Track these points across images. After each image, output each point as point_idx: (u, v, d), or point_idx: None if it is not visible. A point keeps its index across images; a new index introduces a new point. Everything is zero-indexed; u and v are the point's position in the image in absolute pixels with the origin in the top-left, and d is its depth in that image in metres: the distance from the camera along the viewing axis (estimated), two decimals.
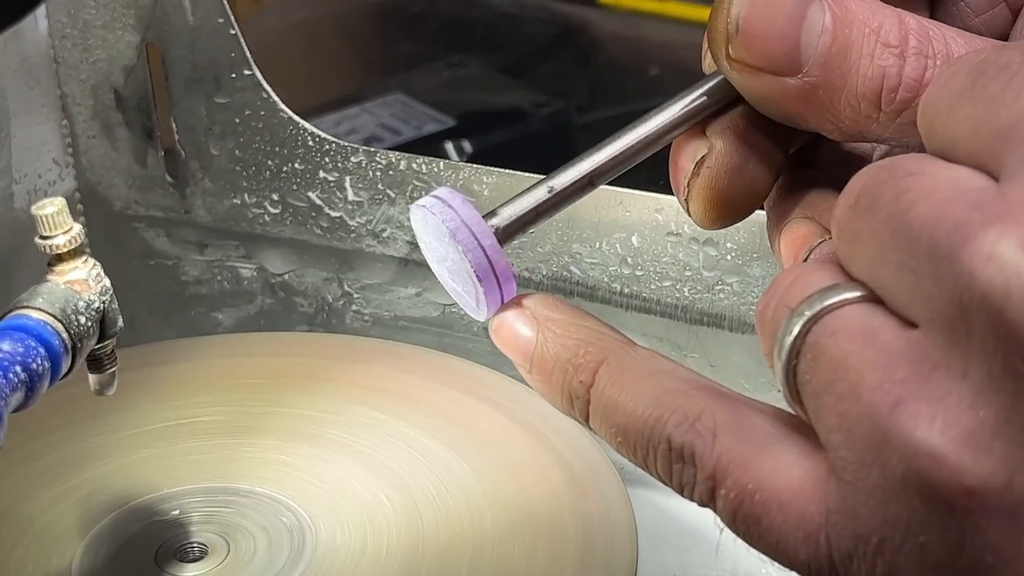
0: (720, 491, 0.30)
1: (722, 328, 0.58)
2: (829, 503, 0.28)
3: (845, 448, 0.28)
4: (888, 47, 0.32)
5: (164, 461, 0.54)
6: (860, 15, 0.32)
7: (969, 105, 0.28)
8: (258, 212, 0.66)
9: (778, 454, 0.30)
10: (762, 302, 0.31)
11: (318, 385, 0.58)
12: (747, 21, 0.33)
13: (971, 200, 0.26)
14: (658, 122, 0.35)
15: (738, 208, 0.37)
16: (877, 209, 0.28)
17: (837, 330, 0.28)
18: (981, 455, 0.26)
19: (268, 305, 0.68)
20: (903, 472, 0.27)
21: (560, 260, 0.60)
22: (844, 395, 0.28)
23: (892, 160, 0.29)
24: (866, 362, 0.27)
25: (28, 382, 0.39)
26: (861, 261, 0.29)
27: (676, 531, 0.56)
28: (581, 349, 0.33)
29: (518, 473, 0.53)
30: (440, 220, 0.33)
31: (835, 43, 0.32)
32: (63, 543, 0.50)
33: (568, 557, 0.48)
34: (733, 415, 0.31)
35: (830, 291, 0.29)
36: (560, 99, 0.89)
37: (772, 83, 0.33)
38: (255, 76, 0.63)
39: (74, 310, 0.41)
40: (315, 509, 0.51)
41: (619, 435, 0.32)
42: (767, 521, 0.29)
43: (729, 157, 0.36)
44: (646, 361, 0.33)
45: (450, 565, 0.48)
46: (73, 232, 0.42)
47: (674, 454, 0.31)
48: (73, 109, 0.66)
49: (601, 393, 0.32)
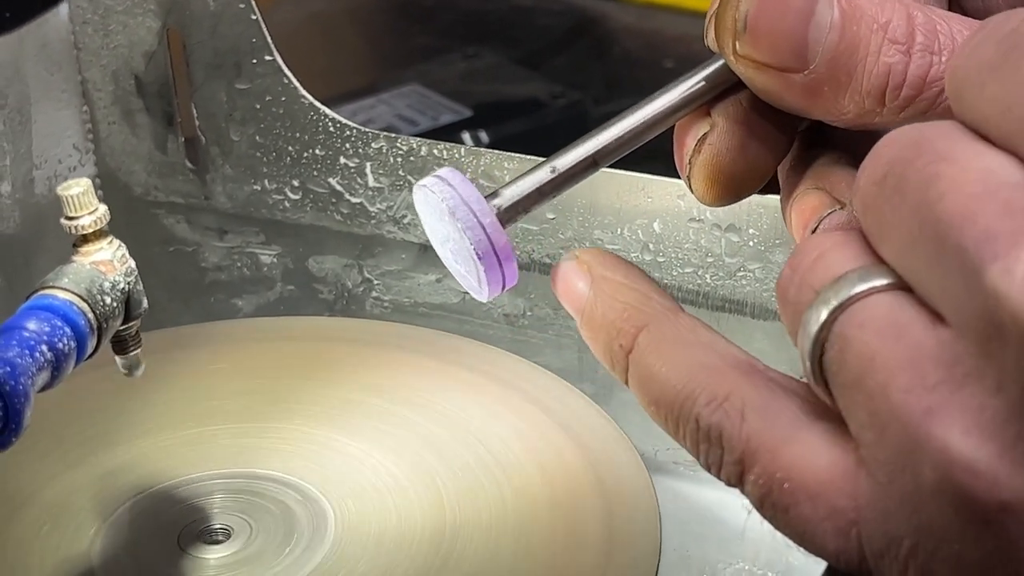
0: (749, 476, 0.30)
1: (744, 314, 0.58)
2: (860, 499, 0.28)
3: (877, 447, 0.28)
4: (895, 43, 0.32)
5: (187, 445, 0.54)
6: (869, 10, 0.32)
7: (999, 83, 0.27)
8: (278, 198, 0.65)
9: (807, 440, 0.29)
10: (784, 277, 0.30)
11: (339, 370, 0.58)
12: (755, 19, 0.33)
13: (1002, 201, 0.26)
14: (662, 103, 0.35)
15: (740, 186, 0.36)
16: (905, 193, 0.28)
17: (865, 323, 0.28)
18: (1017, 470, 0.26)
19: (288, 292, 0.68)
20: (937, 481, 0.26)
21: (582, 246, 0.60)
22: (874, 394, 0.27)
23: (921, 134, 0.28)
24: (896, 361, 0.27)
25: (54, 362, 0.39)
26: (890, 245, 0.28)
27: (699, 519, 0.55)
28: (626, 312, 0.33)
29: (541, 460, 0.53)
30: (440, 199, 0.33)
31: (843, 40, 0.32)
32: (85, 526, 0.50)
33: (591, 544, 0.48)
34: (763, 396, 0.30)
35: (857, 276, 0.28)
36: (576, 90, 0.89)
37: (778, 78, 0.33)
38: (276, 62, 0.63)
39: (100, 290, 0.41)
40: (337, 493, 0.51)
41: (652, 404, 0.32)
42: (795, 511, 0.29)
43: (731, 136, 0.36)
44: (686, 332, 0.32)
45: (472, 550, 0.48)
46: (99, 213, 0.42)
47: (702, 434, 0.31)
48: (94, 95, 0.66)
49: (639, 360, 0.32)
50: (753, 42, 0.33)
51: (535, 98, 0.88)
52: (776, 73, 0.33)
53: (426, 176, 0.34)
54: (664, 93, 0.35)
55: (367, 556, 0.48)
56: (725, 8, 0.33)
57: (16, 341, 0.38)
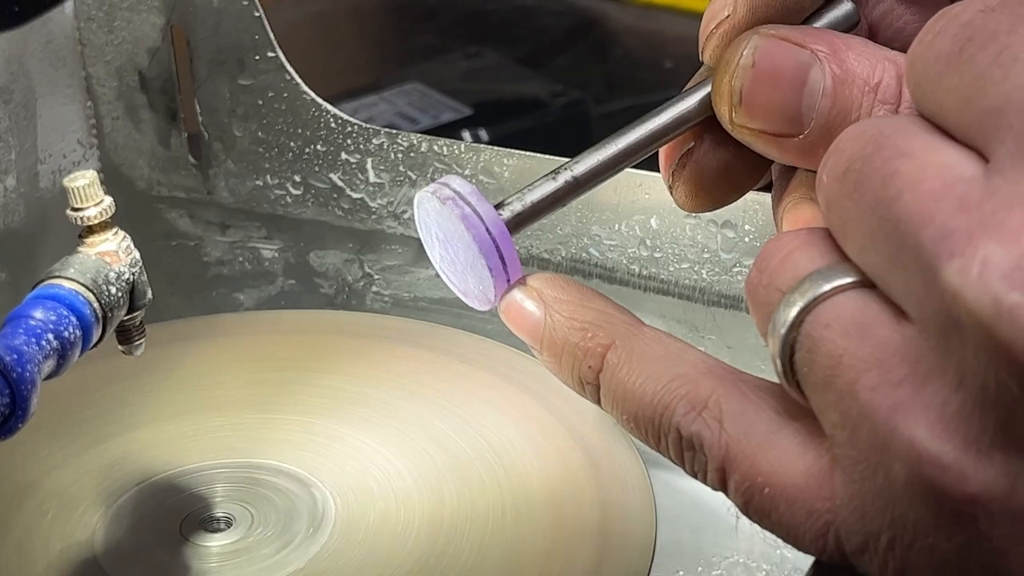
0: (730, 482, 0.31)
1: (740, 310, 0.58)
2: (836, 499, 0.29)
3: (849, 446, 0.28)
4: (885, 104, 0.32)
5: (189, 436, 0.54)
6: (860, 72, 0.32)
7: (957, 75, 0.28)
8: (280, 193, 0.66)
9: (783, 445, 0.30)
10: (752, 276, 0.31)
11: (340, 362, 0.58)
12: (750, 93, 0.33)
13: (958, 197, 0.26)
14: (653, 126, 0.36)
15: (721, 198, 0.37)
16: (865, 189, 0.28)
17: (831, 323, 0.28)
18: (982, 463, 0.26)
19: (289, 286, 0.68)
20: (907, 477, 0.27)
21: (579, 242, 0.60)
22: (843, 393, 0.28)
23: (880, 130, 0.29)
24: (862, 360, 0.27)
25: (60, 350, 0.40)
26: (853, 243, 0.29)
27: (694, 512, 0.56)
28: (589, 332, 0.33)
29: (538, 452, 0.53)
30: (458, 215, 0.33)
31: (835, 105, 0.33)
32: (88, 514, 0.50)
33: (587, 536, 0.49)
34: (738, 402, 0.31)
35: (821, 276, 0.29)
36: (576, 90, 0.89)
37: (774, 143, 0.34)
38: (279, 58, 0.63)
39: (105, 280, 0.42)
40: (337, 484, 0.51)
41: (631, 421, 0.32)
42: (776, 515, 0.30)
43: (716, 154, 0.36)
44: (654, 344, 0.33)
45: (469, 541, 0.49)
46: (104, 204, 0.43)
47: (684, 442, 0.31)
48: (98, 90, 0.67)
49: (611, 379, 0.33)
50: (749, 113, 0.34)
51: (536, 97, 0.88)
52: (772, 138, 0.34)
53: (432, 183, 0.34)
54: (653, 118, 0.36)
55: (366, 546, 0.49)
56: (721, 78, 0.34)
57: (23, 329, 0.39)
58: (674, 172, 0.37)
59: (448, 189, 0.34)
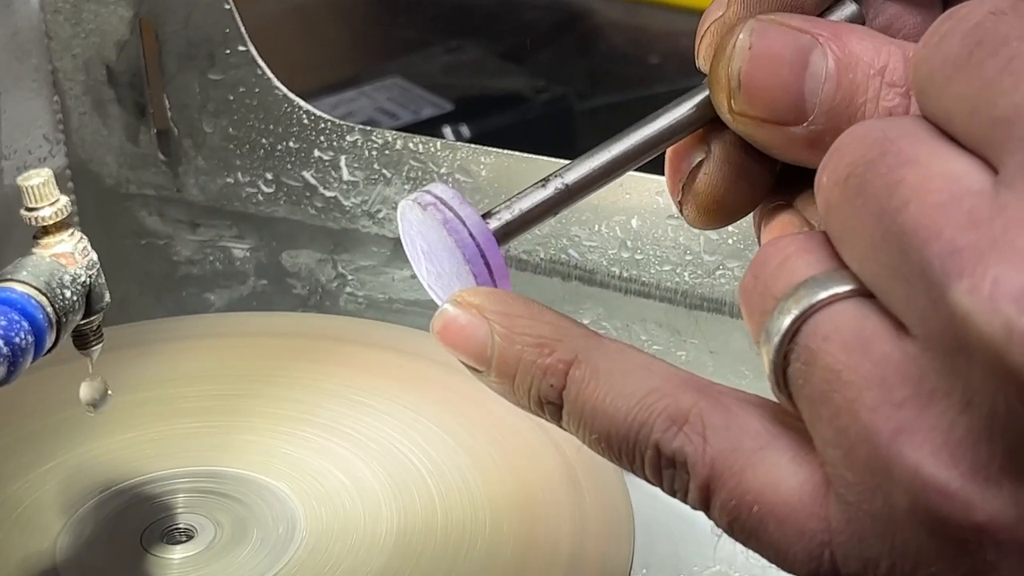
0: (715, 501, 0.29)
1: (723, 313, 0.57)
2: (830, 520, 0.28)
3: (844, 466, 0.27)
4: (893, 87, 0.31)
5: (151, 443, 0.54)
6: (864, 56, 0.31)
7: (965, 81, 0.26)
8: (251, 191, 0.65)
9: (773, 460, 0.29)
10: (746, 281, 0.29)
11: (309, 367, 0.58)
12: (749, 75, 0.32)
13: (967, 211, 0.25)
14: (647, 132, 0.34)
15: (733, 213, 0.35)
16: (867, 197, 0.27)
17: (830, 335, 0.27)
18: (990, 491, 0.25)
19: (261, 286, 0.67)
20: (910, 504, 0.26)
21: (558, 243, 0.59)
22: (840, 410, 0.27)
23: (885, 133, 0.27)
24: (862, 377, 0.26)
25: (11, 357, 0.39)
26: (853, 250, 0.27)
27: (674, 522, 0.55)
28: (547, 348, 0.31)
29: (515, 460, 0.52)
30: (439, 220, 0.32)
31: (839, 89, 0.31)
32: (48, 524, 0.49)
33: (563, 547, 0.48)
34: (722, 415, 0.29)
35: (818, 283, 0.28)
36: (560, 85, 0.89)
37: (778, 132, 0.32)
38: (250, 52, 0.62)
39: (60, 284, 0.41)
40: (305, 492, 0.51)
41: (601, 440, 0.30)
42: (765, 535, 0.29)
43: (727, 165, 0.35)
44: (619, 358, 0.31)
45: (443, 550, 0.48)
46: (59, 204, 0.41)
47: (664, 460, 0.29)
48: (65, 85, 0.66)
49: (576, 397, 0.30)
50: (749, 99, 0.32)
51: (518, 92, 0.87)
52: (775, 127, 0.32)
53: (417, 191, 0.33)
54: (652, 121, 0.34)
55: (334, 556, 0.48)
56: (717, 65, 0.32)
57: None
58: (684, 187, 0.35)
59: (430, 195, 0.32)
